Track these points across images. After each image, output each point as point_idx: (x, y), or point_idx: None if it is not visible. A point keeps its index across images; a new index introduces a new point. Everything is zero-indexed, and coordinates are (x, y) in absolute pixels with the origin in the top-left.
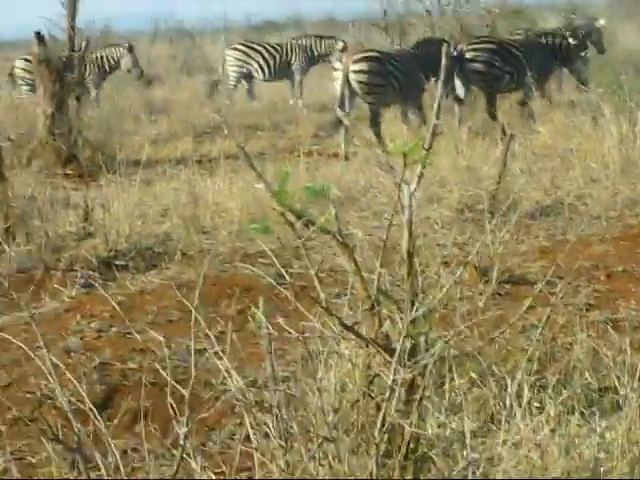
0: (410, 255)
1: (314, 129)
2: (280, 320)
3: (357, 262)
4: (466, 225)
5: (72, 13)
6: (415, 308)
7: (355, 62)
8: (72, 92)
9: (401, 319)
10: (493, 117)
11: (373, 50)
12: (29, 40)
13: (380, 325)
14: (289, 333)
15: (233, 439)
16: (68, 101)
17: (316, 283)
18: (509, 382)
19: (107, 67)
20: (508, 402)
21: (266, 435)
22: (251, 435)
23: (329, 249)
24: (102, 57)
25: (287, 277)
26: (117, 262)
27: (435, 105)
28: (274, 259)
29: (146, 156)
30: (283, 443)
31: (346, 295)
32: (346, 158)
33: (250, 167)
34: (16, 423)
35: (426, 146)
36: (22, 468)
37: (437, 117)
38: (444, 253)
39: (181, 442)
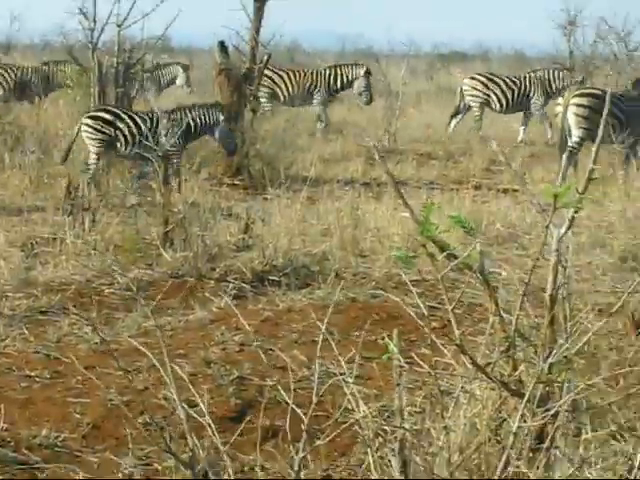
0: (553, 300)
1: (487, 162)
2: (425, 352)
3: (497, 301)
4: (627, 274)
5: (257, 26)
6: (552, 354)
7: (577, 96)
8: (249, 104)
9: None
10: None
11: (597, 88)
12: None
13: (515, 368)
14: (422, 367)
15: (360, 467)
16: (244, 112)
17: (452, 319)
18: None
19: (339, 84)
20: None
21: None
22: (371, 467)
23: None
24: (335, 74)
25: (424, 311)
26: (271, 277)
27: (594, 149)
28: (413, 290)
29: (315, 174)
30: (402, 478)
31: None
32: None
33: (397, 194)
34: (146, 428)
35: (580, 190)
36: (147, 474)
37: (594, 162)
38: (600, 300)
39: (296, 467)
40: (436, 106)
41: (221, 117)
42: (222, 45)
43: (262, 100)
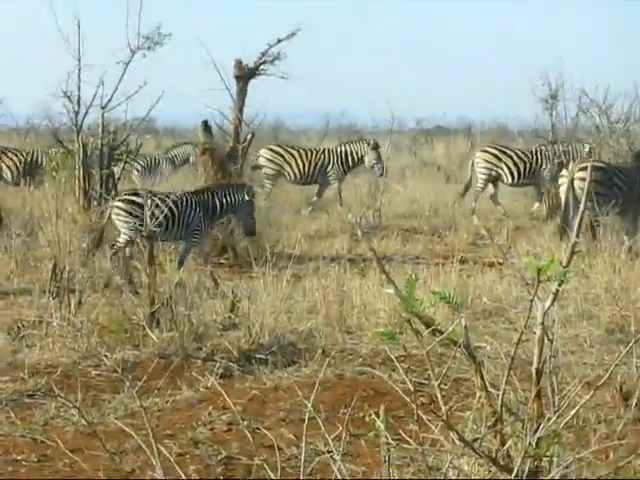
0: (539, 373)
1: (472, 237)
2: (413, 428)
3: (483, 376)
4: (614, 346)
5: (240, 106)
6: (539, 429)
7: (581, 170)
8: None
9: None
10: None
11: (600, 161)
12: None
13: (503, 443)
14: (409, 444)
15: None
16: None
17: (439, 395)
18: None
19: (350, 162)
20: None
21: None
22: None
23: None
24: (346, 152)
25: (411, 387)
26: (257, 355)
27: (576, 222)
28: (399, 366)
29: (300, 251)
30: None
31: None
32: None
33: (381, 270)
34: None
35: (564, 263)
36: None
37: (577, 235)
38: (588, 373)
39: None
40: (420, 181)
41: (246, 197)
42: (205, 125)
43: (265, 178)
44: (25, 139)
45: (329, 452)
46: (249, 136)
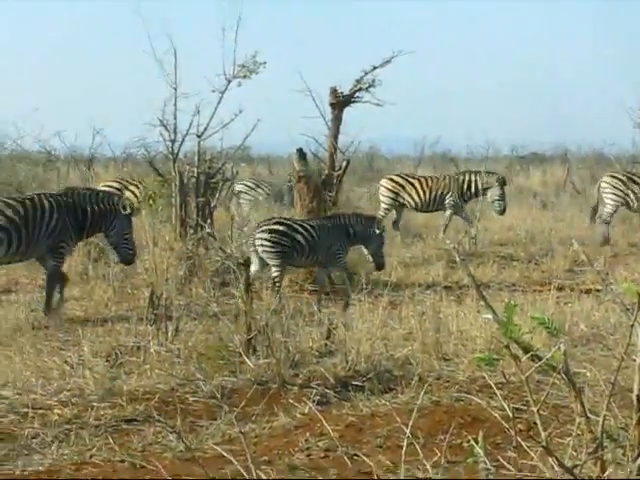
0: None
1: (569, 264)
2: (511, 455)
3: (583, 402)
4: None
5: (335, 133)
6: None
7: None
8: (329, 210)
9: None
10: None
11: None
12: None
13: (603, 470)
14: (508, 470)
15: None
16: None
17: (538, 421)
18: None
19: (470, 192)
20: None
21: None
22: None
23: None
24: (469, 181)
25: (510, 413)
26: (354, 382)
27: None
28: (497, 393)
29: (396, 278)
30: None
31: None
32: None
33: (479, 296)
34: None
35: None
36: None
37: None
38: None
39: None
40: (516, 208)
41: (377, 230)
42: (301, 152)
43: (382, 205)
44: (122, 168)
45: (428, 479)
46: (344, 164)
